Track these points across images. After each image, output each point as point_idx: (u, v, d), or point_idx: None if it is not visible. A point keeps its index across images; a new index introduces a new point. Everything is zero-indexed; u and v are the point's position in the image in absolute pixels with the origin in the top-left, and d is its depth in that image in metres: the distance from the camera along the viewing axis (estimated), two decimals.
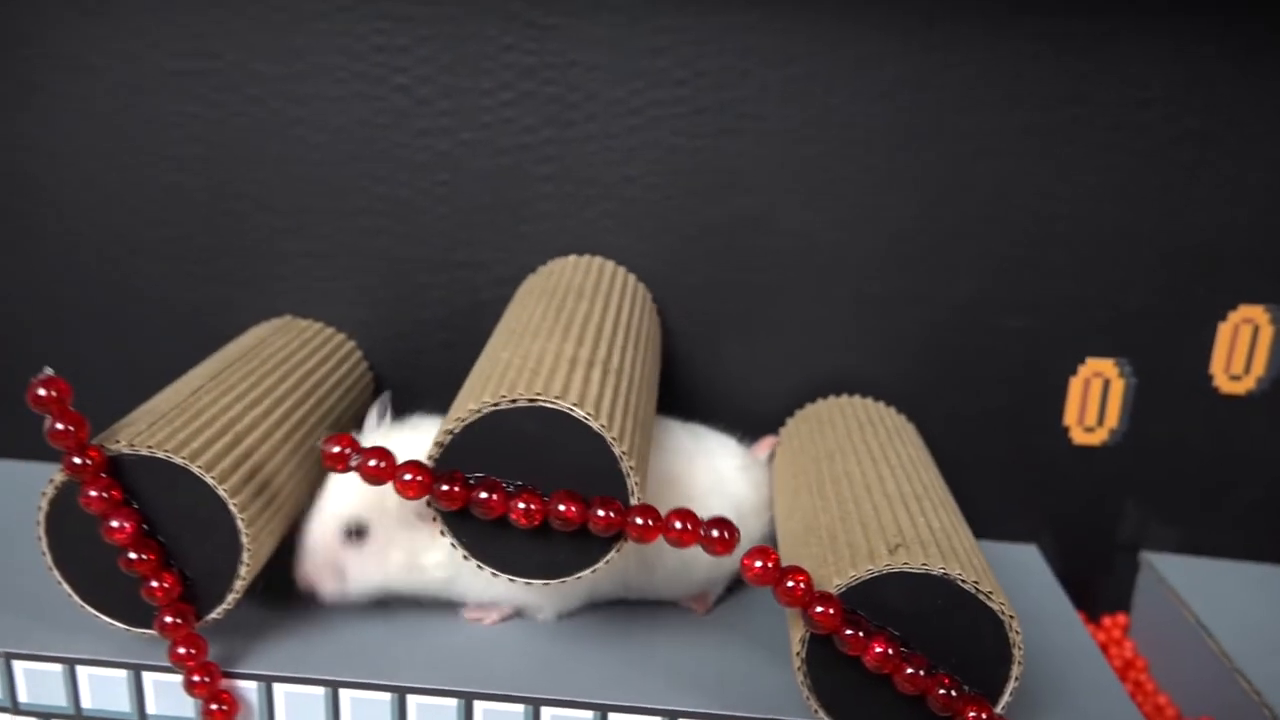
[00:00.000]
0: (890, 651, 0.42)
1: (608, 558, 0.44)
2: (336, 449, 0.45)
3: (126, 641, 0.50)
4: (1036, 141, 0.61)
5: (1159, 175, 0.61)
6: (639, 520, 0.43)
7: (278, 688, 0.49)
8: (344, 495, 0.51)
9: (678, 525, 0.43)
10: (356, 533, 0.51)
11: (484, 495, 0.43)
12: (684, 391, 0.66)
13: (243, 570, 0.47)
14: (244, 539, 0.47)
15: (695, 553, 0.45)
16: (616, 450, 0.43)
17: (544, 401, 0.43)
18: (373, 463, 0.44)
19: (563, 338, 0.50)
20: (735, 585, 0.58)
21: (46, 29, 0.62)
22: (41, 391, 0.45)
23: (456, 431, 0.44)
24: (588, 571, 0.45)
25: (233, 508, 0.47)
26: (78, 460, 0.45)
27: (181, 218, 0.65)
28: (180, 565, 0.47)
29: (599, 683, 0.49)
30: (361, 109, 0.62)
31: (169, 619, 0.46)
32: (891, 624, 0.43)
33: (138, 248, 0.65)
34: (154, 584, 0.46)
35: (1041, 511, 0.66)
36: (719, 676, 0.50)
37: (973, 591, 0.42)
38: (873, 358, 0.65)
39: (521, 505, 0.43)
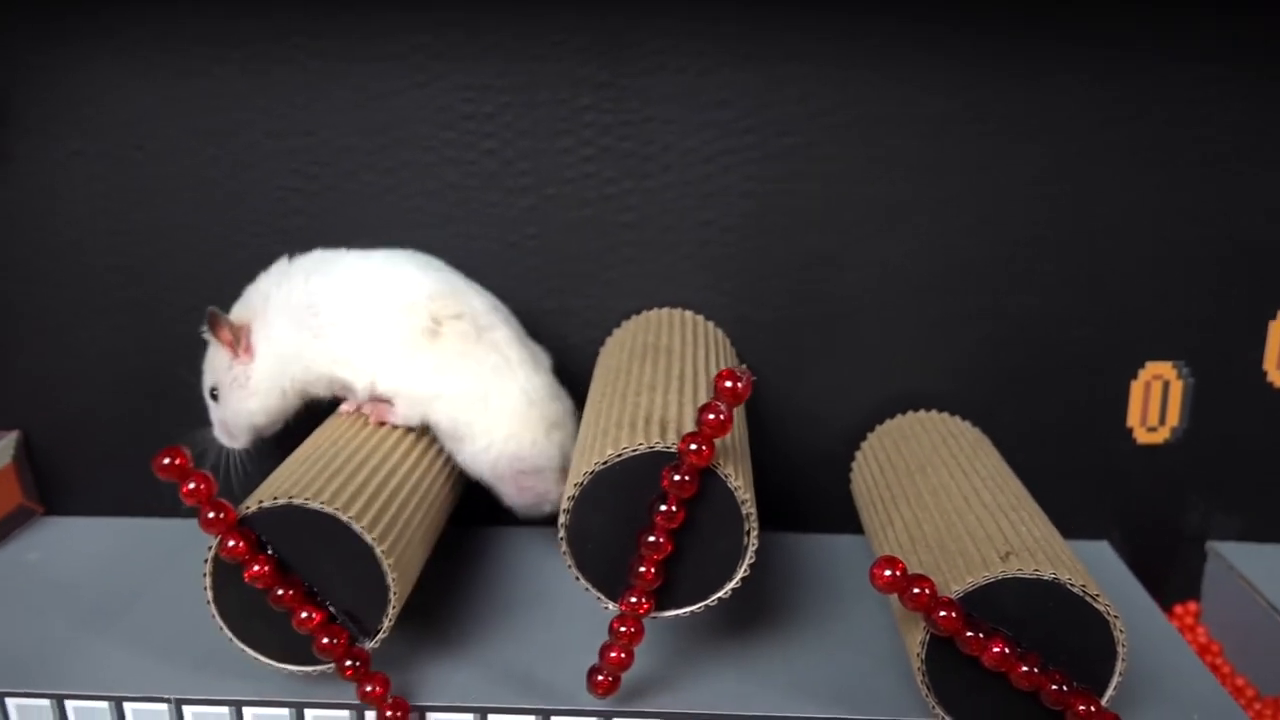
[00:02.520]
0: (1007, 651, 0.46)
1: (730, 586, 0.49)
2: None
3: (284, 682, 0.54)
4: (1090, 160, 0.65)
5: (1211, 185, 0.65)
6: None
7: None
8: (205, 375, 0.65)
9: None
10: (214, 394, 0.64)
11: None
12: (768, 417, 0.70)
13: (392, 603, 0.51)
14: (389, 578, 0.51)
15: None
16: (739, 497, 0.48)
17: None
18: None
19: (665, 392, 0.54)
20: (818, 593, 0.62)
21: (173, 116, 0.66)
22: (165, 461, 0.49)
23: (584, 484, 0.48)
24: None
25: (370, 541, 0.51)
26: (210, 515, 0.50)
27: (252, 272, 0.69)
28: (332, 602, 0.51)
29: (723, 696, 0.53)
30: (452, 173, 0.67)
31: (325, 639, 0.50)
32: (1004, 626, 0.47)
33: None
34: (302, 615, 0.50)
35: (1110, 509, 0.70)
36: (833, 683, 0.54)
37: (1081, 595, 0.46)
38: (943, 374, 0.68)
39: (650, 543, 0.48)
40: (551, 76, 0.65)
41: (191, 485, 0.49)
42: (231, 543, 0.50)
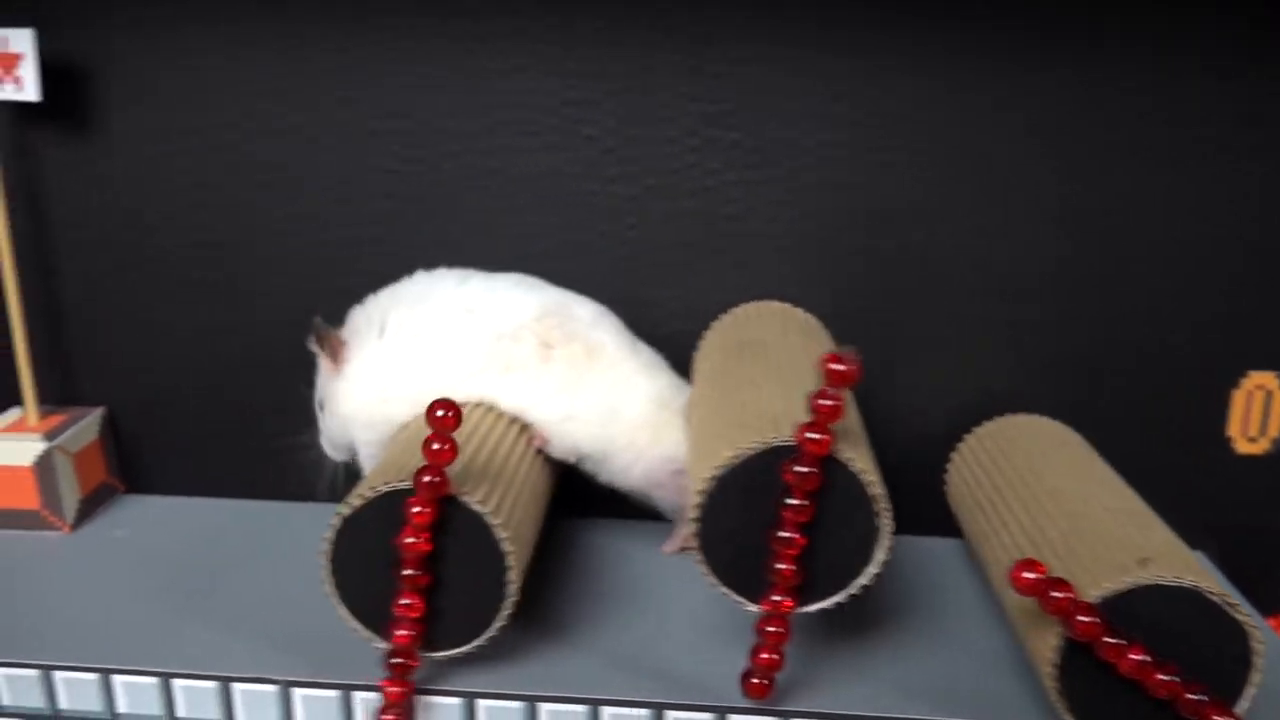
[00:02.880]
0: (1146, 658, 0.45)
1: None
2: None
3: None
4: (1193, 165, 0.64)
5: None
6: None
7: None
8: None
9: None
10: (322, 407, 0.64)
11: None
12: (861, 416, 0.69)
13: (509, 598, 0.51)
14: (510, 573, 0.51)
15: None
16: (864, 480, 0.48)
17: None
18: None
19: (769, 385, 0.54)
20: (921, 595, 0.62)
21: (267, 96, 0.66)
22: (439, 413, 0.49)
23: (709, 490, 0.48)
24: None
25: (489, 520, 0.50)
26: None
27: (374, 266, 0.68)
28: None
29: (843, 698, 0.53)
30: (551, 159, 0.66)
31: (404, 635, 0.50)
32: (1137, 632, 0.46)
33: (318, 295, 0.69)
34: (404, 602, 0.50)
35: (1209, 519, 0.69)
36: (948, 686, 0.54)
37: (1220, 603, 0.45)
38: (1041, 377, 0.68)
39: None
40: (658, 65, 0.64)
41: (435, 446, 0.48)
42: (417, 509, 0.49)
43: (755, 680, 0.51)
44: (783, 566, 0.48)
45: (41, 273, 0.70)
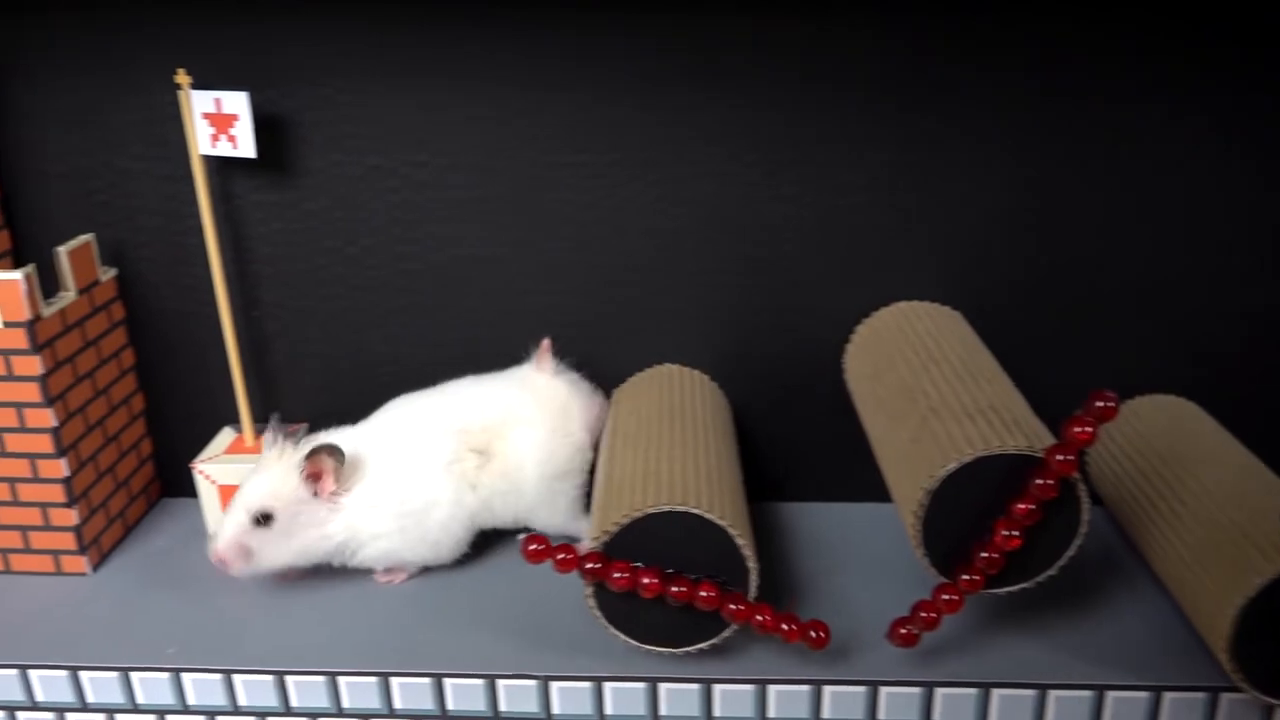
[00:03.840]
0: None
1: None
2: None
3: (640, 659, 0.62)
4: None
5: None
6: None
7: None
8: (253, 490, 0.66)
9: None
10: (263, 519, 0.66)
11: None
12: None
13: (752, 585, 0.59)
14: (746, 556, 0.58)
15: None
16: (1078, 491, 0.54)
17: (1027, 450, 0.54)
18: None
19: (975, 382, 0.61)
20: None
21: (460, 132, 0.72)
22: (531, 549, 0.58)
23: (952, 472, 0.55)
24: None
25: (729, 530, 0.58)
26: (589, 567, 0.57)
27: (558, 287, 0.75)
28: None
29: (1025, 664, 0.61)
30: (713, 185, 0.72)
31: (731, 607, 0.58)
32: None
33: (506, 314, 0.76)
34: (702, 594, 0.57)
35: None
36: (1122, 650, 0.61)
37: None
38: (1192, 366, 0.74)
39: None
40: (838, 94, 0.70)
41: (561, 556, 0.56)
42: (590, 565, 0.56)
43: (905, 630, 0.59)
44: (993, 556, 0.55)
45: (248, 304, 0.77)
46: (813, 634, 0.59)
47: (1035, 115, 0.69)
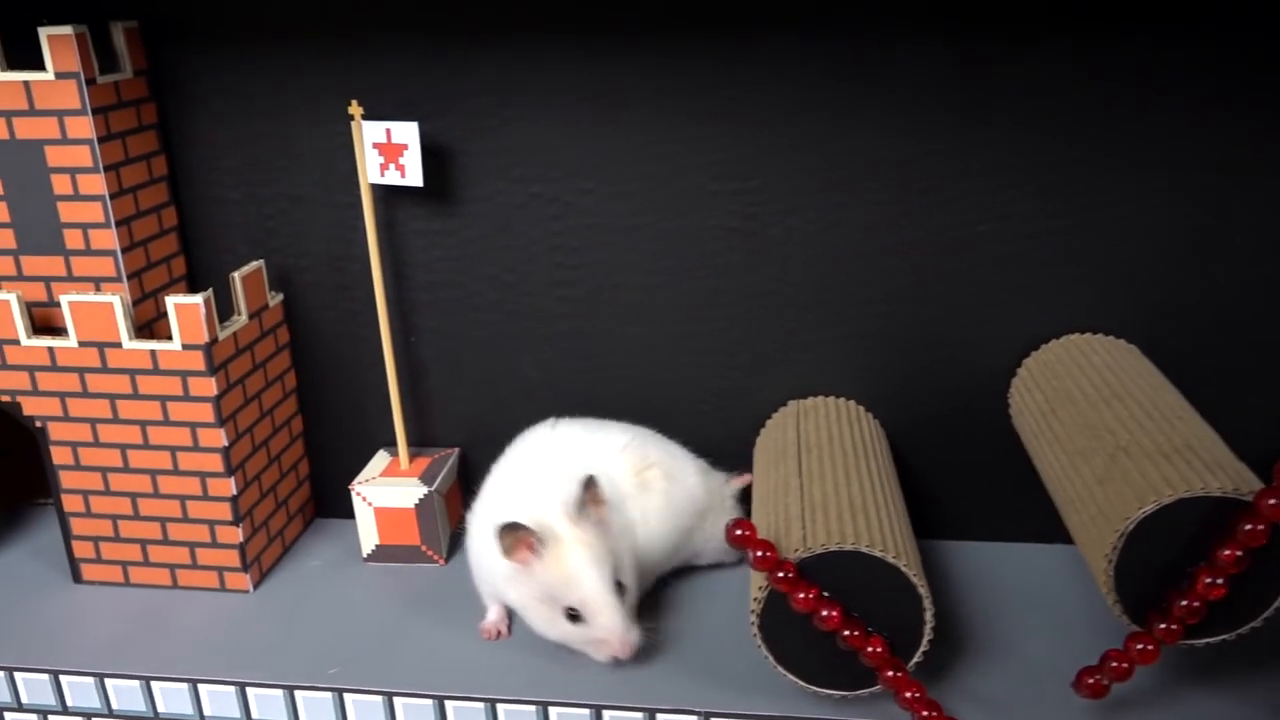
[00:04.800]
0: None
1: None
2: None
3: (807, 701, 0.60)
4: None
5: None
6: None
7: None
8: (602, 563, 0.63)
9: None
10: (619, 585, 0.63)
11: None
12: None
13: (928, 628, 0.56)
14: (924, 600, 0.56)
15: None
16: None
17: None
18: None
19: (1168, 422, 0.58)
20: None
21: (616, 161, 0.72)
22: (738, 533, 0.55)
23: (1148, 515, 0.52)
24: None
25: (911, 578, 0.56)
26: (780, 575, 0.55)
27: (714, 315, 0.74)
28: (877, 630, 0.56)
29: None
30: (884, 212, 0.70)
31: (889, 674, 0.56)
32: None
33: (668, 340, 0.75)
34: (869, 650, 0.56)
35: None
36: None
37: None
38: None
39: None
40: (996, 123, 0.68)
41: (761, 553, 0.55)
42: (780, 574, 0.55)
43: (1093, 680, 0.56)
44: (1193, 604, 0.52)
45: (405, 329, 0.78)
46: None
47: (1209, 132, 0.66)
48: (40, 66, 0.67)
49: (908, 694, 0.56)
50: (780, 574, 0.55)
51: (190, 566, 0.74)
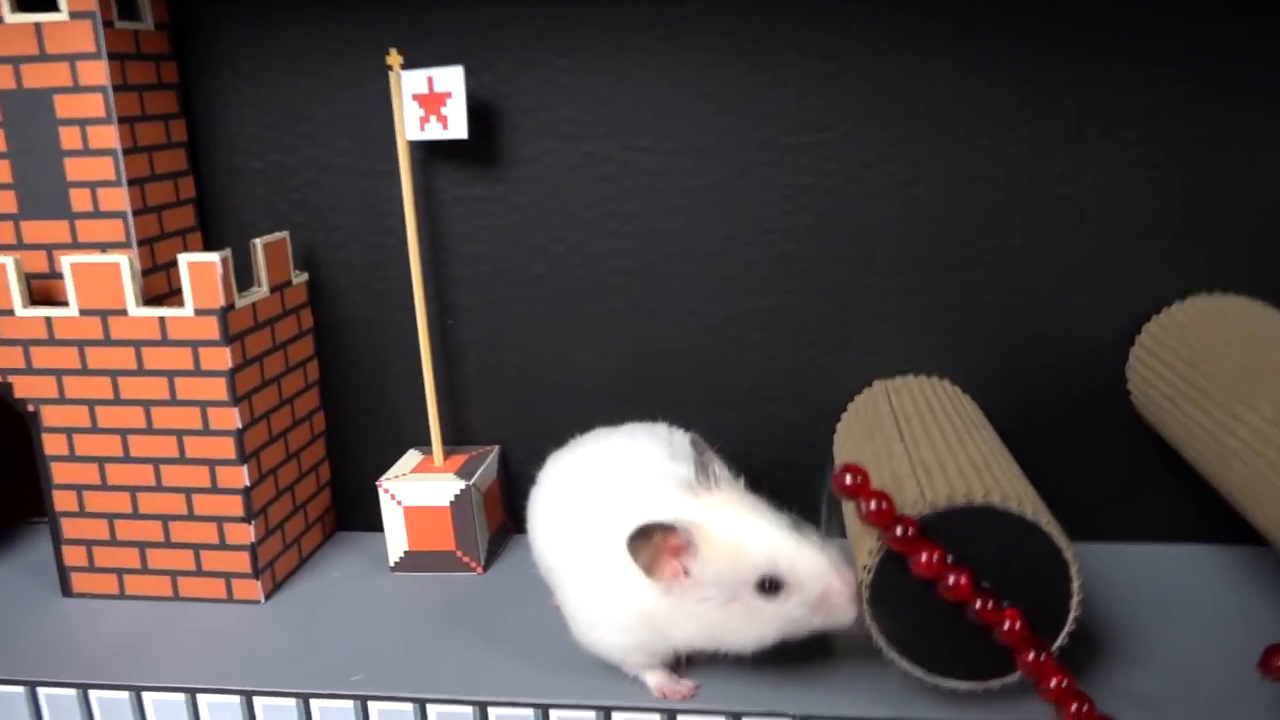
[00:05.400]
0: None
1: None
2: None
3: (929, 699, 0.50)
4: None
5: None
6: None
7: None
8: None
9: None
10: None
11: None
12: None
13: (1075, 600, 0.47)
14: (1071, 567, 0.47)
15: None
16: None
17: None
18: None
19: None
20: None
21: (676, 117, 0.65)
22: (848, 479, 0.47)
23: None
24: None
25: (1055, 537, 0.47)
26: (899, 532, 0.46)
27: (786, 286, 0.67)
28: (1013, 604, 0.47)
29: None
30: (977, 163, 0.63)
31: (1030, 656, 0.46)
32: None
33: (735, 317, 0.67)
34: (1005, 625, 0.46)
35: None
36: None
37: None
38: None
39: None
40: (1110, 60, 0.61)
41: (875, 504, 0.46)
42: (900, 529, 0.46)
43: None
44: None
45: (442, 311, 0.70)
46: None
47: None
48: (54, 7, 0.61)
49: (1053, 682, 0.47)
50: (900, 530, 0.46)
51: (194, 573, 0.65)
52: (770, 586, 0.48)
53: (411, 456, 0.71)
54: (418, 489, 0.67)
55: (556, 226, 0.68)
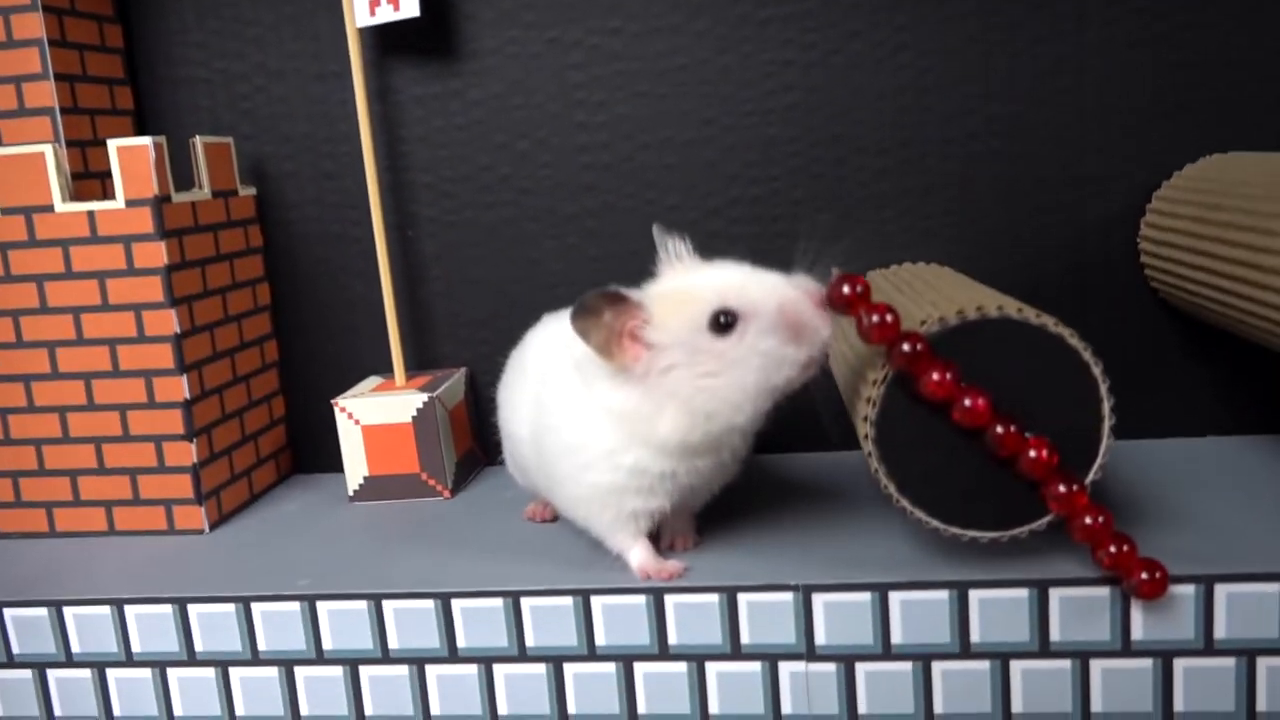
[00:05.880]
0: None
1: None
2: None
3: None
4: None
5: None
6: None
7: None
8: None
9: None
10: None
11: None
12: None
13: (1107, 425, 0.41)
14: (1101, 390, 0.41)
15: None
16: None
17: None
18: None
19: None
20: None
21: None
22: (846, 289, 0.41)
23: None
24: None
25: (1082, 352, 0.41)
26: (906, 348, 0.41)
27: (771, 173, 0.62)
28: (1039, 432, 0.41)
29: None
30: (969, 26, 0.59)
31: (1061, 488, 0.40)
32: None
33: (718, 209, 0.62)
34: (1031, 454, 0.40)
35: None
36: None
37: None
38: None
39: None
40: None
41: (878, 317, 0.41)
42: (907, 346, 0.40)
43: None
44: None
45: (402, 222, 0.65)
46: (1145, 575, 0.41)
47: None
48: None
49: (1087, 519, 0.41)
50: (906, 347, 0.40)
51: (130, 502, 0.59)
52: (725, 321, 0.43)
53: (371, 381, 0.65)
54: (377, 405, 0.61)
55: (520, 122, 0.63)
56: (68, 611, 0.50)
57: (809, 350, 0.43)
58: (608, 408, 0.45)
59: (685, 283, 0.45)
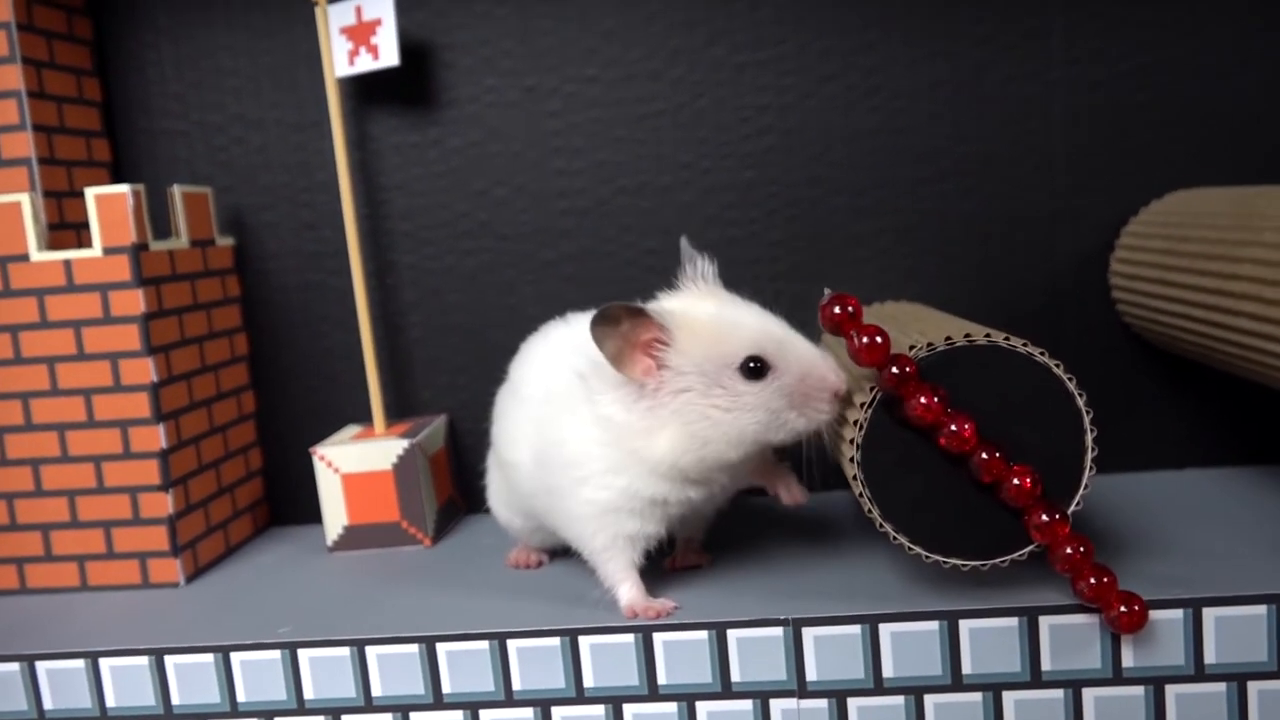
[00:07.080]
0: None
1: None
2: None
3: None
4: None
5: None
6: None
7: None
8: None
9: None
10: None
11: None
12: None
13: (1089, 456, 0.41)
14: (1083, 415, 0.41)
15: None
16: None
17: None
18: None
19: None
20: None
21: (628, 39, 0.62)
22: (837, 309, 0.42)
23: None
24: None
25: (1066, 382, 0.41)
26: (894, 371, 0.41)
27: (750, 215, 0.62)
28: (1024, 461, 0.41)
29: None
30: (938, 68, 0.61)
31: (1043, 517, 0.40)
32: None
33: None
34: (1014, 482, 0.40)
35: None
36: None
37: None
38: None
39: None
40: None
41: (867, 339, 0.41)
42: (895, 369, 0.41)
43: None
44: None
45: (380, 270, 0.65)
46: (1123, 608, 0.41)
47: None
48: None
49: (1069, 549, 0.41)
50: (896, 369, 0.40)
51: (104, 556, 0.58)
52: (757, 367, 0.44)
53: (350, 429, 0.65)
54: (356, 453, 0.60)
55: (498, 169, 0.64)
56: (40, 666, 0.49)
57: (807, 425, 0.44)
58: (607, 417, 0.45)
59: (718, 315, 0.46)
